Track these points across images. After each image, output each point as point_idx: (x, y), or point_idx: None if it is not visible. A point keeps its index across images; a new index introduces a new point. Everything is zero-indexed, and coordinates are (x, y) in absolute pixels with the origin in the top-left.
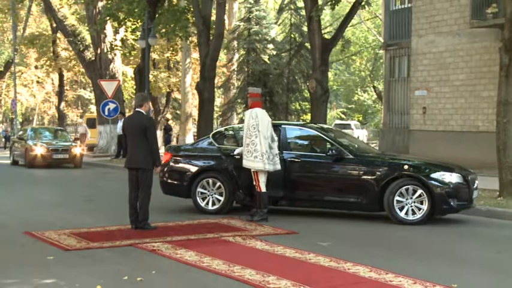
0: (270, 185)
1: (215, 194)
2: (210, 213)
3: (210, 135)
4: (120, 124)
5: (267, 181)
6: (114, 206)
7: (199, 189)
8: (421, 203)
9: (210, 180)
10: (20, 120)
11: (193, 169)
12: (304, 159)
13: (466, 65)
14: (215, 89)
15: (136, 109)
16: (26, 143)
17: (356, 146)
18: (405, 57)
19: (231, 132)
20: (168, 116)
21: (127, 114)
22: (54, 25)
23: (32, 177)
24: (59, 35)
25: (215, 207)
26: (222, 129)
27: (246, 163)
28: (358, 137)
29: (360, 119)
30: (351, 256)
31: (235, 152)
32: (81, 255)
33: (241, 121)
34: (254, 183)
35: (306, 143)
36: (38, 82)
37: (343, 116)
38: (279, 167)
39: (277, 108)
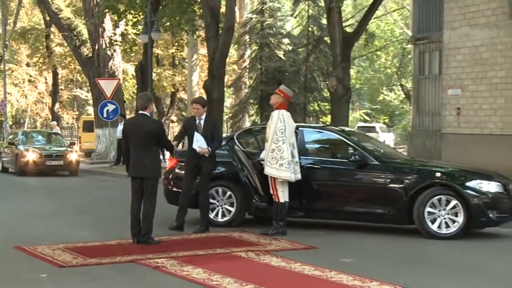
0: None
1: (225, 204)
2: (220, 226)
3: (234, 136)
4: (120, 127)
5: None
6: (114, 217)
7: None
8: (456, 215)
9: (220, 189)
10: (10, 123)
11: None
12: (323, 165)
13: (505, 61)
14: (225, 89)
15: (141, 111)
16: (17, 148)
17: (382, 151)
18: (436, 52)
19: (257, 133)
20: (173, 118)
21: (128, 117)
22: (48, 18)
23: (23, 185)
24: (53, 29)
25: (225, 219)
26: (246, 129)
27: (269, 171)
28: (383, 141)
29: (386, 121)
30: (376, 274)
31: (261, 157)
32: (77, 272)
33: (254, 124)
34: (271, 191)
35: (325, 147)
36: (29, 81)
37: (367, 117)
38: (299, 175)
39: (293, 110)
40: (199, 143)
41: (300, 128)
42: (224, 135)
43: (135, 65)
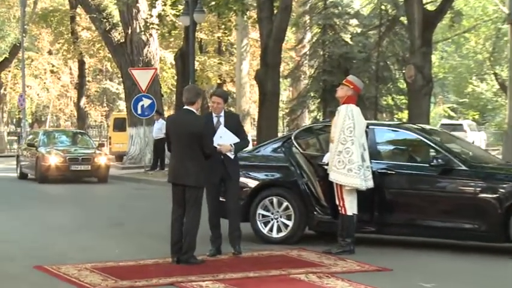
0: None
1: (281, 217)
2: (275, 243)
3: (292, 136)
4: (157, 126)
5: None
6: (151, 232)
7: (260, 211)
8: None
9: (275, 199)
10: (30, 121)
11: (252, 184)
12: (399, 171)
13: None
14: (280, 80)
15: (186, 107)
16: (37, 150)
17: (470, 153)
18: None
19: (319, 132)
20: None
21: (166, 114)
22: None
23: (44, 194)
24: (79, 10)
25: (281, 234)
26: (306, 127)
27: (335, 177)
28: (473, 142)
29: (476, 117)
30: None
31: (324, 160)
32: None
33: (316, 121)
34: (337, 202)
35: (402, 149)
36: (52, 72)
37: (452, 113)
38: (371, 183)
39: (363, 104)
40: (225, 139)
41: (371, 127)
42: (280, 134)
43: (174, 53)
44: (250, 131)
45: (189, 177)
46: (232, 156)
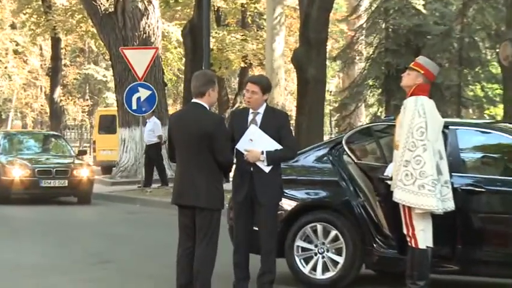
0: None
1: (328, 251)
2: (320, 286)
3: (343, 140)
4: (149, 127)
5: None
6: (149, 272)
7: (299, 243)
8: None
9: (319, 227)
10: None
11: (288, 206)
12: (491, 187)
13: None
14: (327, 63)
15: (195, 100)
16: None
17: None
18: None
19: (379, 135)
20: None
21: (170, 110)
22: None
23: (4, 220)
24: None
25: (328, 275)
26: (363, 127)
27: (402, 196)
28: None
29: None
30: None
31: (387, 173)
32: None
33: (375, 119)
34: (405, 230)
35: (494, 158)
36: (16, 53)
37: None
38: (451, 204)
39: (440, 96)
40: (256, 143)
41: (451, 127)
42: (326, 137)
43: (182, 26)
44: None
45: (200, 196)
46: (266, 169)
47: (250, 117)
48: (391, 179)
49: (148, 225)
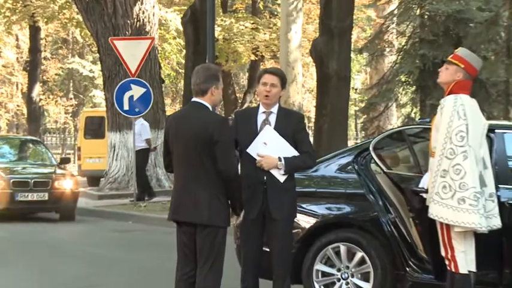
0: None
1: (353, 276)
2: None
3: (370, 146)
4: (136, 130)
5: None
6: None
7: (319, 266)
8: None
9: (343, 248)
10: None
11: (306, 223)
12: None
13: None
14: (352, 55)
15: (195, 99)
16: None
17: None
18: None
19: (413, 139)
20: None
21: (168, 111)
22: None
23: None
24: None
25: None
26: (393, 131)
27: (439, 211)
28: None
29: None
30: None
31: (422, 185)
32: None
33: (408, 121)
34: (443, 252)
35: None
36: None
37: None
38: (497, 221)
39: (485, 93)
40: (271, 148)
41: (497, 131)
42: (351, 143)
43: (182, 13)
44: None
45: (201, 211)
46: (281, 179)
47: (262, 117)
48: (426, 191)
49: (142, 245)
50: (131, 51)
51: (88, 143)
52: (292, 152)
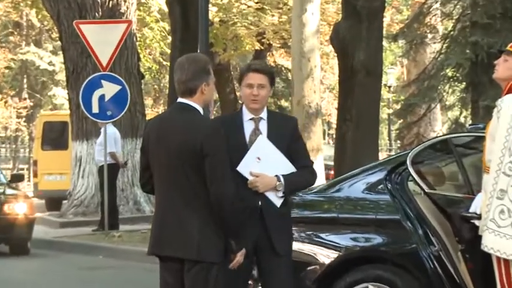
0: None
1: None
2: None
3: (407, 160)
4: (100, 139)
5: None
6: None
7: None
8: None
9: None
10: None
11: (326, 258)
12: None
13: None
14: (384, 44)
15: (181, 99)
16: None
17: None
18: None
19: (462, 151)
20: None
21: (148, 115)
22: None
23: None
24: None
25: None
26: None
27: (493, 242)
28: None
29: None
30: None
31: (473, 209)
32: None
33: (456, 127)
34: None
35: None
36: None
37: None
38: None
39: None
40: (266, 164)
41: None
42: (382, 155)
43: None
44: (324, 148)
45: (190, 244)
46: (278, 203)
47: (250, 125)
48: (479, 217)
49: (115, 286)
50: (102, 38)
51: (46, 155)
52: (289, 167)
